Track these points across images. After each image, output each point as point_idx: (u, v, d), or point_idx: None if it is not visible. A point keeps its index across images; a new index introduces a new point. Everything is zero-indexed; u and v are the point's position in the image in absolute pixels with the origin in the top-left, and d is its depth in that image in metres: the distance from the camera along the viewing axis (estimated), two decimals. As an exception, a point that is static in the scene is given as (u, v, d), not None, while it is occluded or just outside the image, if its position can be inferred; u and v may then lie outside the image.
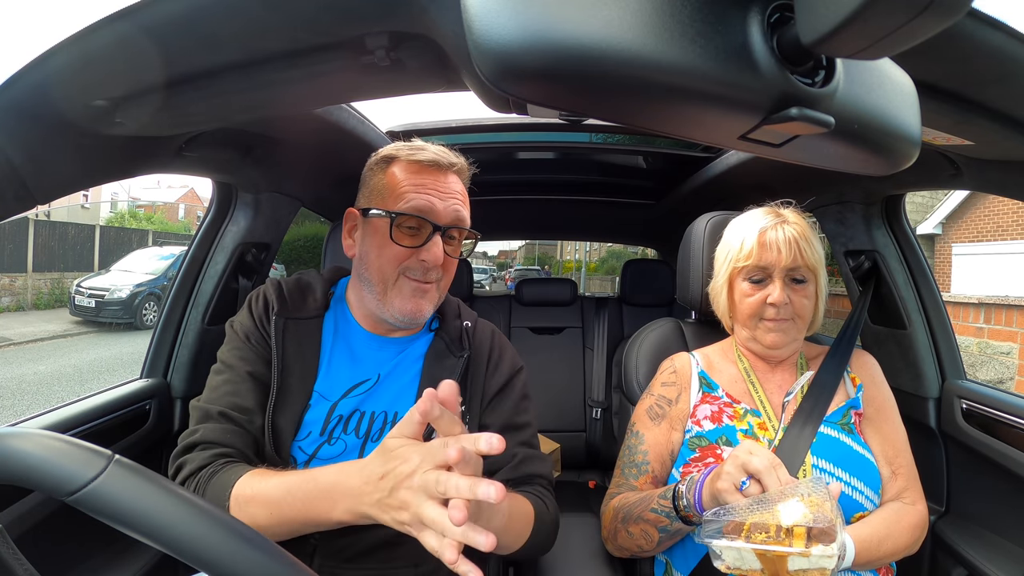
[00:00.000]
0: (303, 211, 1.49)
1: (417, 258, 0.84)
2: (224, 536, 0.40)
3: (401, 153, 0.88)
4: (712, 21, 0.33)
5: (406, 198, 0.84)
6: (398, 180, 0.86)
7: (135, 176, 0.85)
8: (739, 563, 0.76)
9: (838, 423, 0.98)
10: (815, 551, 0.71)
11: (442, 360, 0.91)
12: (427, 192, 0.85)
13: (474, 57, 0.32)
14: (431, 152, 0.88)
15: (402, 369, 0.90)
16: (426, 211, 0.84)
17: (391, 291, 0.86)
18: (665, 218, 2.33)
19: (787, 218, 1.00)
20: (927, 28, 0.29)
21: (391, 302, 0.85)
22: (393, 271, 0.85)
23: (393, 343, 0.92)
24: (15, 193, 0.63)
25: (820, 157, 0.44)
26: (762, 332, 1.01)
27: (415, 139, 0.92)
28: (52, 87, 0.57)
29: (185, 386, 1.24)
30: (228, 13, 0.47)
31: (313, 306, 0.92)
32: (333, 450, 0.83)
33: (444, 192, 0.86)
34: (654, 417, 1.05)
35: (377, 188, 0.88)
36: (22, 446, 0.39)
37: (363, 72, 0.55)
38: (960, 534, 1.16)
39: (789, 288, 0.98)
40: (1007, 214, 9.01)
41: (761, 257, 0.97)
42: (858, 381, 1.04)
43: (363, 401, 0.86)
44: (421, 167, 0.87)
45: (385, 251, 0.84)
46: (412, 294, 0.86)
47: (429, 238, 0.84)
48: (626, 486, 1.04)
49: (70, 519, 0.88)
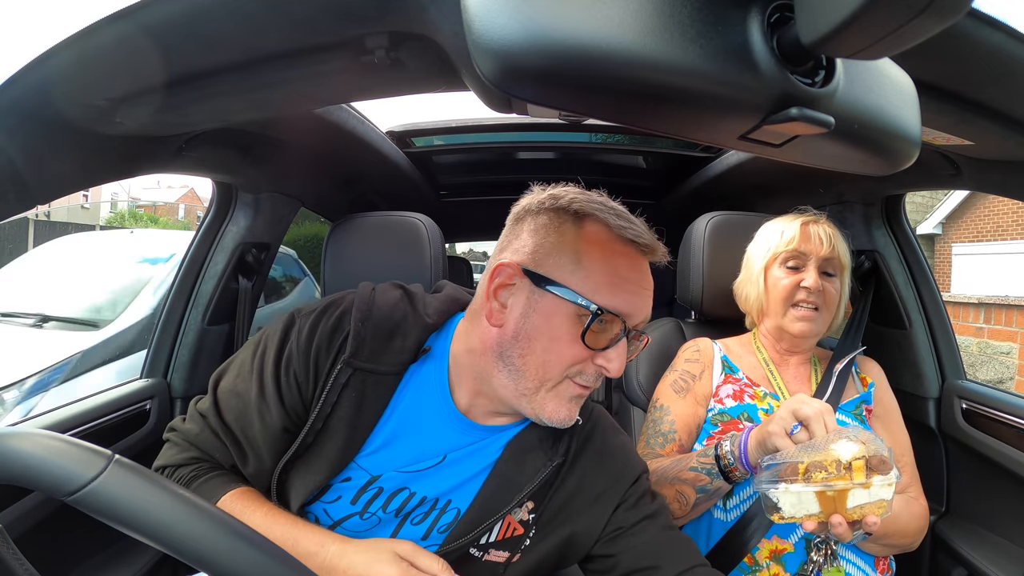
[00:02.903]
0: (303, 211, 1.49)
1: (595, 362, 0.65)
2: (224, 536, 0.40)
3: (608, 218, 0.66)
4: (712, 21, 0.33)
5: (612, 289, 0.64)
6: (602, 257, 0.65)
7: (135, 176, 0.85)
8: (796, 509, 0.75)
9: (851, 412, 1.02)
10: (876, 480, 0.72)
11: (525, 457, 0.71)
12: (636, 288, 0.66)
13: (474, 57, 0.32)
14: (644, 229, 0.67)
15: (476, 458, 0.72)
16: (629, 311, 0.65)
17: (546, 392, 0.66)
18: (665, 218, 2.33)
19: (820, 219, 1.07)
20: (927, 28, 0.29)
21: (542, 404, 0.66)
22: (561, 372, 0.65)
23: (478, 430, 0.72)
24: (15, 193, 0.63)
25: (820, 157, 0.44)
26: (790, 320, 1.04)
27: (603, 195, 0.70)
28: (52, 87, 0.57)
29: (185, 386, 1.24)
30: (228, 13, 0.47)
31: (397, 358, 0.70)
32: (364, 525, 0.69)
33: (646, 287, 0.67)
34: (679, 390, 1.07)
35: (563, 251, 0.65)
36: (22, 446, 0.39)
37: (363, 72, 0.55)
38: (960, 534, 1.16)
39: (822, 277, 1.03)
40: (1007, 214, 9.01)
41: (802, 244, 1.04)
42: (869, 380, 1.09)
43: (414, 479, 0.70)
44: (629, 248, 0.66)
45: (564, 347, 0.64)
46: (570, 401, 0.67)
47: (616, 341, 0.65)
48: (651, 455, 1.02)
49: (70, 519, 0.88)
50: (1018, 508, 1.08)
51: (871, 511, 0.73)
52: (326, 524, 0.70)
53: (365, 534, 0.70)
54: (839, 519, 0.73)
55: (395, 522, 0.70)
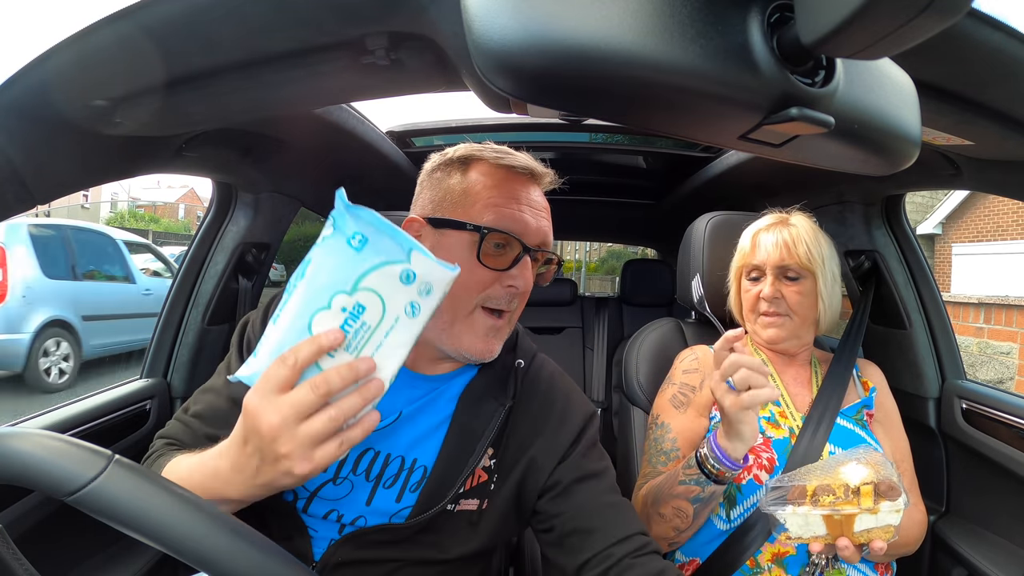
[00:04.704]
0: (303, 211, 1.49)
1: (502, 284, 0.71)
2: (224, 536, 0.40)
3: (486, 154, 0.75)
4: (712, 21, 0.33)
5: (495, 211, 0.70)
6: (484, 187, 0.72)
7: (135, 176, 0.85)
8: (803, 530, 0.76)
9: (852, 417, 1.02)
10: (884, 507, 0.72)
11: (478, 405, 0.76)
12: (520, 206, 0.72)
13: (474, 57, 0.32)
14: (523, 158, 0.75)
15: (430, 411, 0.76)
16: (519, 228, 0.71)
17: (461, 324, 0.71)
18: (665, 218, 2.33)
19: (789, 222, 1.06)
20: (927, 28, 0.29)
21: (459, 337, 0.71)
22: (470, 300, 0.70)
23: (426, 381, 0.77)
24: (15, 193, 0.63)
25: (820, 157, 0.44)
26: (760, 327, 1.07)
27: (488, 143, 0.78)
28: (52, 87, 0.57)
29: (185, 386, 1.24)
30: (228, 13, 0.47)
31: None
32: (339, 491, 0.72)
33: (535, 207, 0.74)
34: (678, 405, 1.06)
35: (453, 194, 0.73)
36: (22, 446, 0.39)
37: (363, 72, 0.55)
38: (960, 534, 1.16)
39: (781, 284, 1.04)
40: (1007, 214, 9.01)
41: (754, 256, 1.06)
42: (871, 384, 1.09)
43: (377, 439, 0.74)
44: (511, 174, 0.73)
45: (466, 274, 0.66)
46: (487, 333, 0.72)
47: (517, 260, 0.70)
48: (654, 474, 1.02)
49: (70, 519, 0.88)
50: (1018, 508, 1.08)
51: (878, 536, 0.73)
52: (303, 496, 0.73)
53: (342, 501, 0.72)
54: (846, 542, 0.73)
55: (368, 486, 0.73)
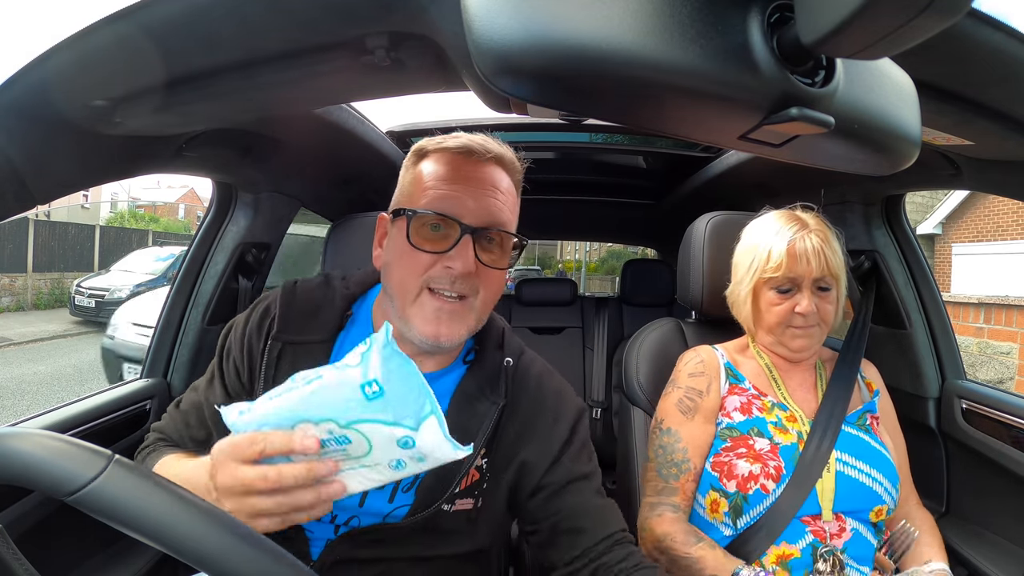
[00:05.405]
0: (303, 211, 1.49)
1: (442, 265, 0.69)
2: (224, 536, 0.40)
3: (430, 144, 0.74)
4: (712, 21, 0.33)
5: (430, 193, 0.70)
6: (427, 174, 0.72)
7: (135, 176, 0.85)
8: None
9: (856, 423, 1.01)
10: None
11: (473, 405, 0.75)
12: (453, 184, 0.71)
13: (474, 57, 0.32)
14: (462, 139, 0.73)
15: None
16: (450, 207, 0.69)
17: (411, 308, 0.71)
18: (665, 218, 2.33)
19: (809, 224, 0.99)
20: (927, 28, 0.29)
21: (411, 320, 0.71)
22: (415, 282, 0.70)
23: None
24: (15, 193, 0.63)
25: (820, 157, 0.44)
26: (789, 338, 1.01)
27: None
28: (52, 87, 0.57)
29: (185, 386, 1.23)
30: (227, 13, 0.47)
31: (324, 327, 0.77)
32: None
33: (477, 185, 0.71)
34: (685, 411, 1.02)
35: (404, 186, 0.75)
36: (22, 446, 0.39)
37: (363, 72, 0.55)
38: (960, 534, 1.15)
39: (816, 296, 0.98)
40: (1007, 214, 9.01)
41: (791, 268, 0.96)
42: (874, 387, 1.08)
43: None
44: (451, 156, 0.73)
45: (405, 258, 0.70)
46: (434, 315, 0.70)
47: (458, 241, 0.69)
48: (667, 490, 0.98)
49: (70, 519, 0.88)
50: (1018, 508, 1.08)
51: None
52: None
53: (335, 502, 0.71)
54: None
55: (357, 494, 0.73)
